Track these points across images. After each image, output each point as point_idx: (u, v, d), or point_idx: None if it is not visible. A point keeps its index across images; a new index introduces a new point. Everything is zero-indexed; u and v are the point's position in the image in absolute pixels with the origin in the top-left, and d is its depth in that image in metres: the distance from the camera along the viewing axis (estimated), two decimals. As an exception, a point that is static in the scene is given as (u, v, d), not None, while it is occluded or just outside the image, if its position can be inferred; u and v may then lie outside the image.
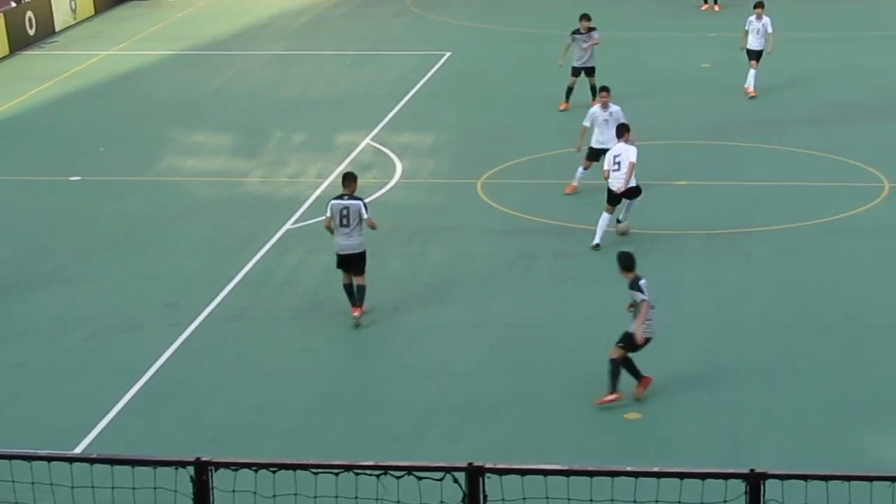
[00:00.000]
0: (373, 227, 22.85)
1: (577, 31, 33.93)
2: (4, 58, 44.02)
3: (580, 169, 27.80)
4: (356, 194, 23.31)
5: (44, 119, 37.62)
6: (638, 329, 19.03)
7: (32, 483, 11.35)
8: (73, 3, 48.81)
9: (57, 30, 47.63)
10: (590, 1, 48.25)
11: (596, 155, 27.43)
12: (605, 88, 28.61)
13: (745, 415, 19.79)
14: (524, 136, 33.75)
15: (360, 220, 22.92)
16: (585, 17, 33.79)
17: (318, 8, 52.40)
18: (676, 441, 18.89)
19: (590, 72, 33.52)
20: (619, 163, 25.29)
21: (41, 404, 21.04)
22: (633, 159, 25.28)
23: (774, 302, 23.82)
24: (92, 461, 10.64)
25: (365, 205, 22.77)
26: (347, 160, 32.41)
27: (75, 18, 49.08)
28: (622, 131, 25.66)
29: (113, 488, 11.12)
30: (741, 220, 27.63)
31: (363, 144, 33.70)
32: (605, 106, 27.99)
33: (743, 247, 26.40)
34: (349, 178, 23.29)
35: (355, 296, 23.00)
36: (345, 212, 22.52)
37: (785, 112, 35.49)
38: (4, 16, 44.50)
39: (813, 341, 22.21)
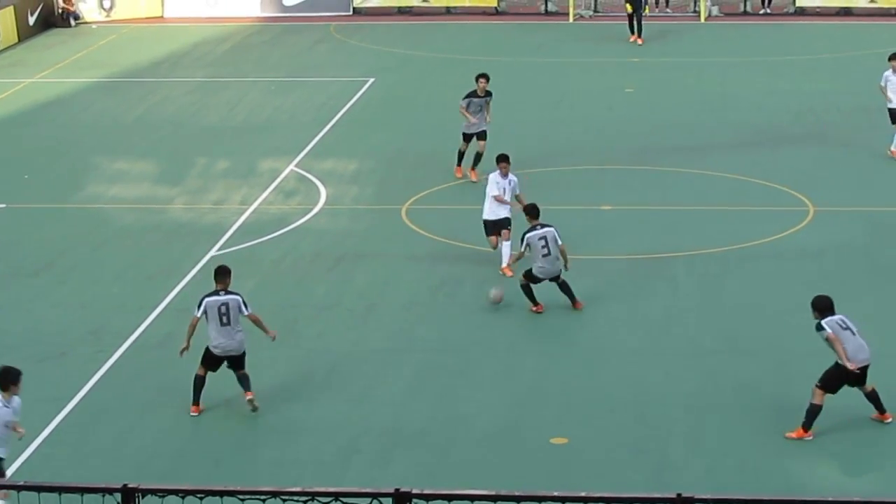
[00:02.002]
0: (257, 322, 20.98)
1: (473, 94, 32.22)
2: None
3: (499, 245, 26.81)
4: (231, 289, 21.26)
5: None
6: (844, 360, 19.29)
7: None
8: (22, 15, 48.83)
9: None
10: (506, 30, 48.75)
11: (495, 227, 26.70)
12: (504, 157, 27.45)
13: (671, 439, 19.95)
14: (448, 161, 33.71)
15: (240, 316, 20.85)
16: (484, 77, 31.57)
17: (240, 35, 52.79)
18: (603, 465, 18.99)
19: (482, 135, 31.49)
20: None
21: None
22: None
23: (699, 326, 24.24)
24: (19, 488, 10.76)
25: (244, 300, 20.91)
26: (272, 186, 32.92)
27: (19, 37, 48.59)
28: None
29: (40, 517, 10.30)
30: (666, 244, 27.94)
31: (287, 171, 34.05)
32: (504, 175, 27.19)
33: (668, 271, 26.75)
34: (223, 273, 21.06)
35: (240, 383, 21.33)
36: (223, 308, 20.65)
37: (708, 137, 35.95)
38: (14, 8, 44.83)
39: (737, 365, 22.55)
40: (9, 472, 19.12)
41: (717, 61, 44.98)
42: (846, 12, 52.35)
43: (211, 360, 20.96)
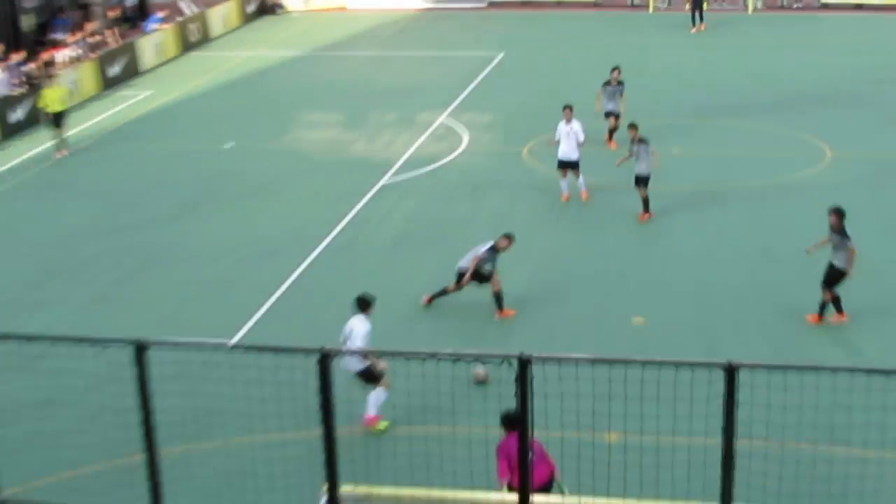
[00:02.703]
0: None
1: (607, 83, 30.03)
2: (176, 57, 45.11)
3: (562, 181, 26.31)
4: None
5: (206, 102, 38.54)
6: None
7: (203, 363, 11.83)
8: (224, 17, 49.61)
9: (212, 37, 48.52)
10: (601, 18, 48.47)
11: (563, 166, 26.08)
12: (567, 107, 26.38)
13: (721, 323, 20.13)
14: (560, 115, 33.52)
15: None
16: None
17: (403, 21, 53.18)
18: (670, 341, 19.24)
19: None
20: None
21: (204, 310, 21.41)
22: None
23: (744, 239, 24.25)
24: (245, 348, 10.61)
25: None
26: (426, 133, 33.30)
27: (225, 28, 50.05)
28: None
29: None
30: (719, 178, 28.12)
31: (438, 122, 34.40)
32: (568, 121, 26.17)
33: (721, 199, 26.76)
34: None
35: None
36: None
37: (753, 99, 36.05)
38: (178, 26, 46.02)
39: (772, 269, 22.66)
40: (236, 337, 19.96)
41: (760, 43, 45.49)
42: (860, 7, 51.26)
43: None
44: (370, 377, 16.36)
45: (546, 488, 13.98)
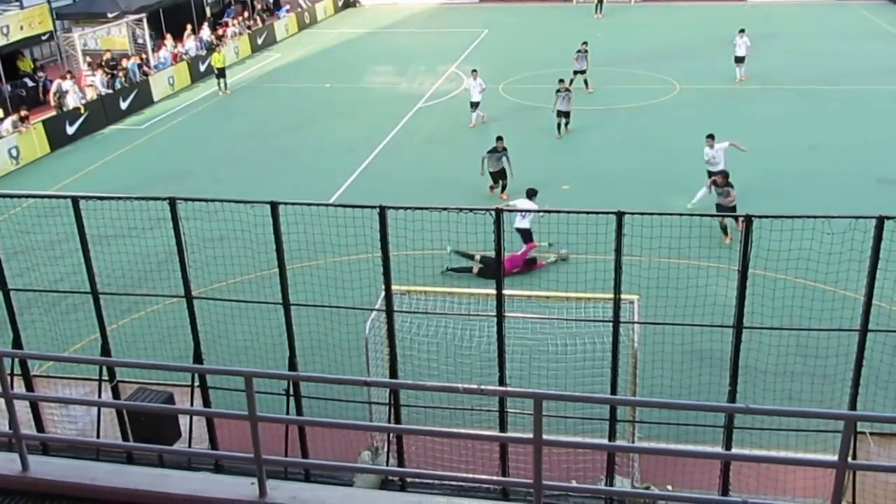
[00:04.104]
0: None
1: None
2: (296, 33, 44.28)
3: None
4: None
5: (314, 60, 37.73)
6: None
7: (295, 217, 10.83)
8: (324, 8, 49.84)
9: (318, 20, 48.41)
10: (549, 9, 48.62)
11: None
12: (474, 70, 24.77)
13: (615, 190, 19.75)
14: (528, 66, 33.35)
15: None
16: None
17: (429, 10, 50.27)
18: (582, 201, 18.60)
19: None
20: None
21: (314, 184, 21.51)
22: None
23: (625, 142, 23.55)
24: (336, 206, 10.33)
25: None
26: (443, 77, 33.11)
27: (325, 15, 49.52)
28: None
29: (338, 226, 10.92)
30: (607, 103, 27.38)
31: (449, 70, 34.36)
32: (475, 78, 24.62)
33: (608, 116, 26.05)
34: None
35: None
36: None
37: (634, 55, 34.34)
38: (297, 14, 46.12)
39: (645, 156, 22.19)
40: (336, 195, 20.21)
41: (637, 22, 43.32)
42: None
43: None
44: (527, 236, 16.34)
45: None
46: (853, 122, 25.24)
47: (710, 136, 19.28)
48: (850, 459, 4.68)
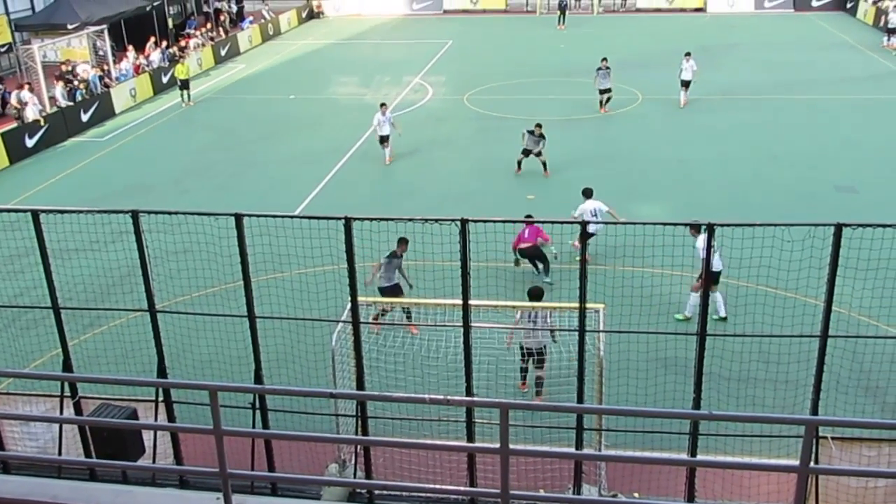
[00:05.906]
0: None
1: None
2: (260, 44, 44.30)
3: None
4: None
5: (278, 71, 37.57)
6: None
7: (260, 228, 10.50)
8: (289, 20, 50.47)
9: (282, 31, 48.19)
10: (511, 20, 47.82)
11: None
12: (382, 103, 23.15)
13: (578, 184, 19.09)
14: (492, 76, 33.63)
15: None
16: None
17: (393, 22, 50.27)
18: (557, 210, 18.57)
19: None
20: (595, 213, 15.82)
21: (280, 194, 21.27)
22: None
23: (595, 145, 23.99)
24: (301, 218, 10.07)
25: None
26: (408, 88, 33.25)
27: (289, 27, 49.57)
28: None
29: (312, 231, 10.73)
30: (579, 112, 28.08)
31: (414, 81, 34.60)
32: (384, 114, 23.09)
33: (578, 124, 26.50)
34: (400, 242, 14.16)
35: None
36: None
37: (592, 66, 31.19)
38: (261, 26, 45.87)
39: (610, 164, 22.62)
40: (301, 207, 20.07)
41: (600, 34, 43.58)
42: (659, 10, 49.73)
43: None
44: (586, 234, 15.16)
45: (533, 251, 13.82)
46: (811, 131, 25.51)
47: (695, 228, 13.32)
48: (812, 464, 4.64)
